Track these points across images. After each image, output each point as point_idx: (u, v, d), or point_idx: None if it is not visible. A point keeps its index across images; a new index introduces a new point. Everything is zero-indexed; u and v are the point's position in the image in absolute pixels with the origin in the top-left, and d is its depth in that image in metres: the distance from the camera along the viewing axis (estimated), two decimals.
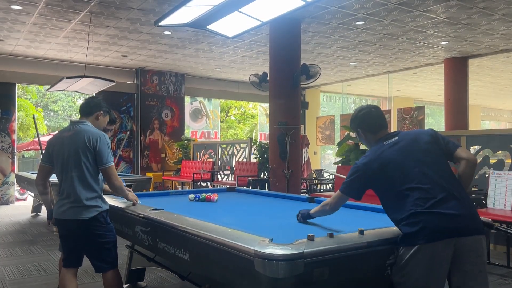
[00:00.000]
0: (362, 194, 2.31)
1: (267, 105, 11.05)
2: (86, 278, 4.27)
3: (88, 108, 3.06)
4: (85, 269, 4.15)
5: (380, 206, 3.16)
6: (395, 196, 2.17)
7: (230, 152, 10.41)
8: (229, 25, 4.45)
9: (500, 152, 5.51)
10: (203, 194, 3.91)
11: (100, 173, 2.93)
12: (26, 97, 19.08)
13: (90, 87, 8.33)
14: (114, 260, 2.95)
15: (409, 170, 2.16)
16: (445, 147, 2.26)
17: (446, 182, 2.15)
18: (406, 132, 2.35)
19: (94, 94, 9.10)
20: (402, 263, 2.08)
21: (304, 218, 2.64)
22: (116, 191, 3.06)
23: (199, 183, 9.66)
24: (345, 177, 2.36)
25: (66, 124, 20.39)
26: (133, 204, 3.16)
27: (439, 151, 2.25)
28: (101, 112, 3.09)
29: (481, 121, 20.75)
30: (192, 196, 3.91)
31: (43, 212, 8.40)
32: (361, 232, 2.08)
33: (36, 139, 15.35)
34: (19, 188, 10.60)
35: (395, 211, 2.18)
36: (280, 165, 7.41)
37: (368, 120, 2.40)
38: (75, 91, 9.10)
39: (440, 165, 2.21)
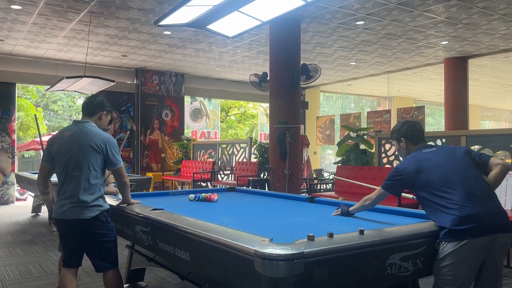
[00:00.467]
0: (401, 192, 2.70)
1: (267, 105, 11.05)
2: (86, 278, 4.27)
3: (91, 108, 3.04)
4: (85, 269, 4.16)
5: (380, 206, 3.18)
6: (437, 195, 2.39)
7: (230, 152, 10.41)
8: (229, 25, 4.45)
9: (500, 152, 5.51)
10: (203, 194, 3.91)
11: (103, 174, 2.94)
12: (26, 97, 19.08)
13: (90, 87, 8.33)
14: (114, 260, 2.95)
15: (449, 172, 2.43)
16: (478, 159, 2.54)
17: (481, 185, 2.42)
18: (443, 145, 2.69)
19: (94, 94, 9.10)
20: (444, 255, 2.28)
21: (345, 215, 2.89)
22: (122, 189, 3.09)
23: (199, 183, 9.66)
24: (344, 179, 2.49)
25: (66, 124, 20.38)
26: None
27: (472, 161, 2.53)
28: (104, 112, 3.08)
29: (481, 121, 20.75)
30: (192, 196, 3.91)
31: (43, 212, 8.40)
32: (361, 232, 2.08)
33: (37, 139, 15.35)
34: (19, 188, 10.59)
35: (436, 209, 2.39)
36: (280, 165, 7.41)
37: (413, 132, 2.72)
38: (75, 91, 9.10)
39: (475, 171, 2.48)
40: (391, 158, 6.79)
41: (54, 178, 2.99)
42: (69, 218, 2.81)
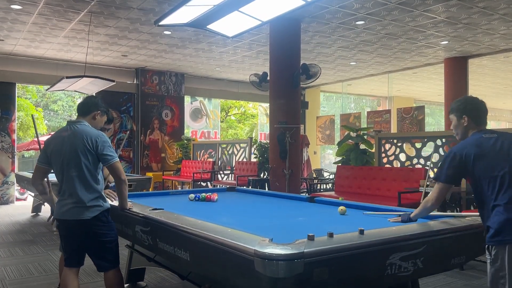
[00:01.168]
0: (461, 179, 2.38)
1: (267, 105, 11.05)
2: (86, 278, 4.27)
3: (86, 108, 3.05)
4: (85, 269, 4.16)
5: (380, 206, 3.18)
6: (492, 187, 2.23)
7: (230, 152, 10.41)
8: (229, 25, 4.45)
9: None
10: (203, 194, 3.91)
11: (100, 173, 2.94)
12: (26, 97, 19.07)
13: (90, 87, 8.33)
14: (115, 259, 2.96)
15: (504, 167, 2.23)
16: None
17: None
18: (504, 133, 2.39)
19: (94, 94, 9.09)
20: (499, 263, 2.16)
21: (407, 222, 2.59)
22: (120, 188, 2.98)
23: (199, 182, 9.66)
24: (374, 213, 2.35)
25: (65, 124, 20.32)
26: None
27: None
28: (99, 112, 3.08)
29: None
30: (192, 196, 3.91)
31: (43, 212, 8.40)
32: (361, 232, 2.08)
33: (36, 139, 15.34)
34: (19, 188, 10.59)
35: (487, 204, 2.25)
36: (280, 165, 7.41)
37: (481, 112, 2.44)
38: (75, 91, 9.10)
39: None
40: (391, 158, 6.79)
41: (54, 178, 2.99)
42: (69, 218, 2.81)
